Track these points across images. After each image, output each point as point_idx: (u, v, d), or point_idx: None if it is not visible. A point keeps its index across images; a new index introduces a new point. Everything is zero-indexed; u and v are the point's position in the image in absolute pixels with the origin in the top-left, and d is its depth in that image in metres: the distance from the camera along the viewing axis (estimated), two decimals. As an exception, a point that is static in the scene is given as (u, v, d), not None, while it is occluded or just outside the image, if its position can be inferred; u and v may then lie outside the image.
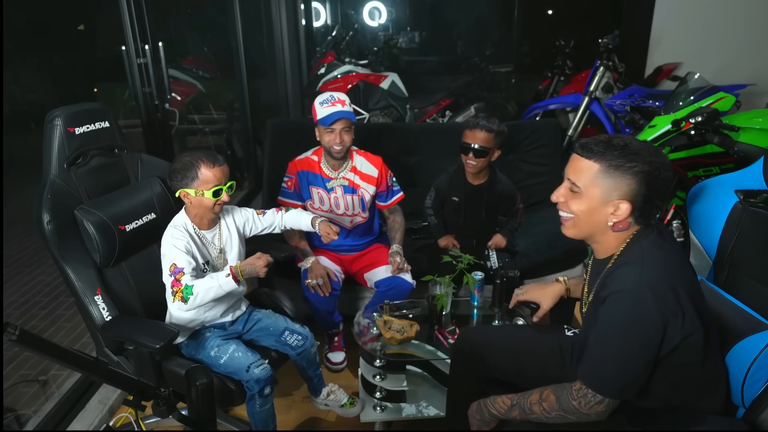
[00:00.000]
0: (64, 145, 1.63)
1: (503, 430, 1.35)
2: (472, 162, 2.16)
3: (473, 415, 1.39)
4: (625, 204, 1.13)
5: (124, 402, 2.04)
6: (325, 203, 2.25)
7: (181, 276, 1.56)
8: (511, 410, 1.28)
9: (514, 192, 2.32)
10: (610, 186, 1.13)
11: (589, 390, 1.15)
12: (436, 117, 4.42)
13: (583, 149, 1.16)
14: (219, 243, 1.76)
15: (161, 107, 2.31)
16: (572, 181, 1.18)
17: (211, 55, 4.85)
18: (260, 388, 1.64)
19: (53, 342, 0.99)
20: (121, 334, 1.59)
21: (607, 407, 1.15)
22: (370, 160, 2.27)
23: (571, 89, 3.91)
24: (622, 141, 1.14)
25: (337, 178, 2.22)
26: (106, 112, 1.75)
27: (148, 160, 1.91)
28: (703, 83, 2.79)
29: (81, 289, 1.60)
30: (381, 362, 1.81)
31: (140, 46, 2.18)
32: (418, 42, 6.24)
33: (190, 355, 1.71)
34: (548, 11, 5.97)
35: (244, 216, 1.86)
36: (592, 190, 1.15)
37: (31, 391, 2.09)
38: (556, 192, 1.23)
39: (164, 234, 1.68)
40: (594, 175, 1.14)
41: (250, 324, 1.83)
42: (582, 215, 1.18)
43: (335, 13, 6.31)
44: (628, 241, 1.19)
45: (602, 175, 1.13)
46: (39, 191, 1.59)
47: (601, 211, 1.16)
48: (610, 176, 1.12)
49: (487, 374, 1.50)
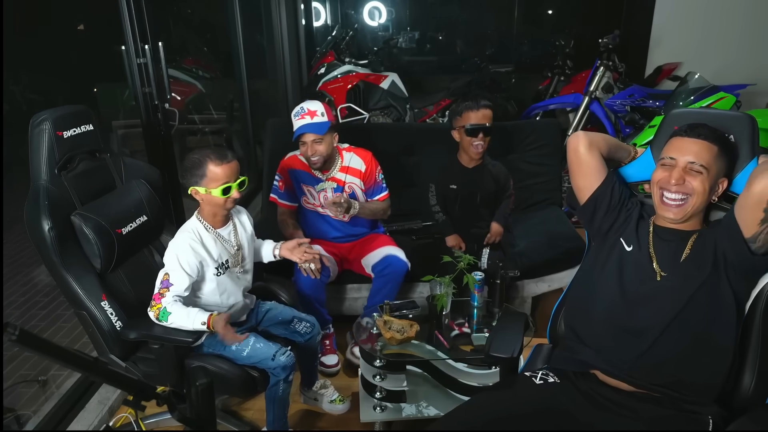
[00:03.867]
0: (54, 150, 1.59)
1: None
2: (480, 143, 2.24)
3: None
4: (725, 180, 1.29)
5: (124, 402, 2.03)
6: (316, 199, 2.30)
7: (165, 292, 1.57)
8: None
9: (507, 175, 2.40)
10: (721, 165, 1.27)
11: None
12: (436, 117, 4.42)
13: (699, 134, 1.27)
14: (235, 240, 1.78)
15: (161, 107, 2.30)
16: (696, 163, 1.25)
17: (211, 55, 4.85)
18: (286, 375, 1.70)
19: (53, 342, 0.99)
20: (147, 335, 1.59)
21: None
22: (359, 155, 2.29)
23: (571, 89, 3.91)
24: (709, 126, 1.28)
25: (325, 180, 2.26)
26: (91, 115, 1.73)
27: (131, 163, 1.90)
28: (704, 83, 2.79)
29: (86, 296, 1.58)
30: (381, 362, 1.81)
31: (140, 46, 2.18)
32: (418, 42, 6.24)
33: (211, 352, 1.72)
34: (548, 11, 5.98)
35: (252, 222, 1.88)
36: (713, 169, 1.26)
37: (30, 391, 2.09)
38: (673, 175, 1.26)
39: (174, 238, 1.67)
40: (715, 156, 1.26)
41: (261, 316, 1.88)
42: (703, 193, 1.26)
43: (335, 13, 6.31)
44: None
45: (720, 155, 1.26)
46: (32, 198, 1.56)
47: (713, 189, 1.27)
48: (723, 156, 1.27)
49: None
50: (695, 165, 1.24)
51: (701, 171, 1.24)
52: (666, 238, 1.33)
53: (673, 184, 1.26)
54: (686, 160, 1.25)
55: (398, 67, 5.00)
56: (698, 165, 1.24)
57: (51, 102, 3.91)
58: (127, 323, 1.63)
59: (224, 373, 1.63)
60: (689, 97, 2.75)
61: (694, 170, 1.24)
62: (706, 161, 1.24)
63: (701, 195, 1.25)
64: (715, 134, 1.27)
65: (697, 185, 1.24)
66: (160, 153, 2.37)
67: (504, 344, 1.44)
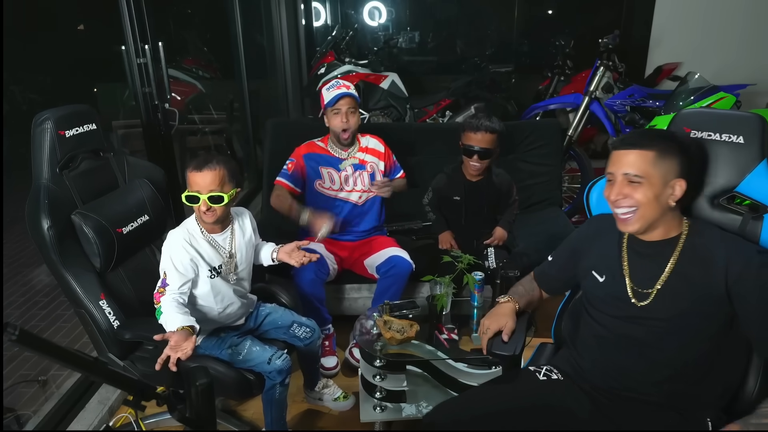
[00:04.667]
0: (56, 149, 1.59)
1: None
2: (476, 164, 2.16)
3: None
4: (681, 181, 1.20)
5: (124, 402, 2.03)
6: (335, 182, 2.32)
7: (163, 291, 1.57)
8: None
9: (510, 183, 2.35)
10: (667, 168, 1.20)
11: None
12: (436, 117, 4.42)
13: (629, 144, 1.23)
14: (230, 247, 1.72)
15: (161, 107, 2.31)
16: (630, 174, 1.21)
17: (211, 55, 4.85)
18: (282, 378, 1.70)
19: (53, 342, 0.99)
20: (142, 335, 1.59)
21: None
22: (374, 138, 2.44)
23: (571, 89, 3.91)
24: (650, 130, 1.23)
25: (347, 158, 2.32)
26: (93, 114, 1.73)
27: (134, 162, 1.90)
28: (704, 83, 2.79)
29: (84, 295, 1.58)
30: (381, 362, 1.81)
31: (140, 46, 2.18)
32: (418, 42, 6.23)
33: (206, 354, 1.70)
34: (548, 11, 5.97)
35: (254, 225, 1.84)
36: (654, 176, 1.20)
37: (30, 391, 2.09)
38: (612, 191, 1.24)
39: (168, 236, 1.65)
40: (652, 161, 1.20)
41: (260, 319, 1.87)
42: (649, 203, 1.21)
43: (335, 13, 6.30)
44: (685, 219, 1.27)
45: (658, 159, 1.20)
46: (33, 197, 1.56)
47: (663, 194, 1.21)
48: (666, 158, 1.20)
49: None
50: (630, 176, 1.21)
51: (639, 181, 1.20)
52: (643, 251, 1.29)
53: (613, 200, 1.24)
54: (622, 173, 1.22)
55: (398, 67, 4.99)
56: (633, 175, 1.20)
57: (51, 102, 3.92)
58: (124, 323, 1.63)
59: (220, 375, 1.61)
60: (689, 97, 2.75)
61: (633, 181, 1.21)
62: (641, 170, 1.20)
63: (647, 205, 1.20)
64: (651, 140, 1.22)
65: (639, 196, 1.20)
66: (160, 153, 2.37)
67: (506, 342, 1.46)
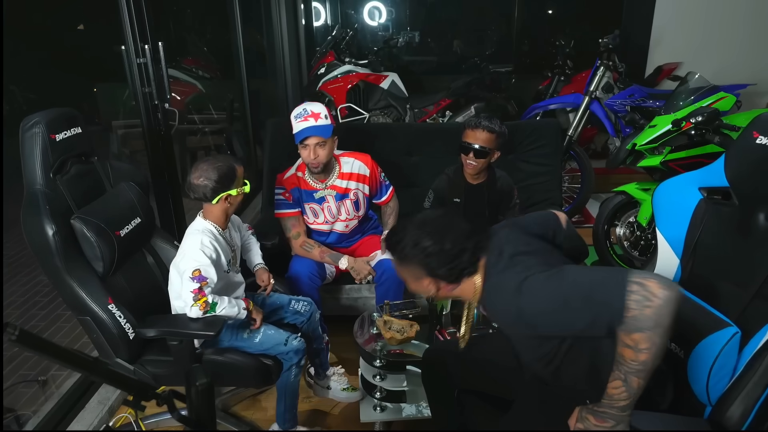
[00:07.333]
0: (48, 153, 1.55)
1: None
2: (472, 162, 2.15)
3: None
4: (427, 280, 1.23)
5: (124, 402, 2.03)
6: (319, 215, 2.24)
7: (204, 285, 1.59)
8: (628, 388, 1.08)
9: (512, 187, 2.32)
10: (409, 274, 1.27)
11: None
12: (436, 117, 4.42)
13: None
14: (232, 241, 1.83)
15: (161, 107, 2.30)
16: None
17: (211, 55, 4.85)
18: (298, 359, 1.76)
19: (53, 342, 0.99)
20: (169, 332, 1.59)
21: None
22: (360, 159, 2.24)
23: (571, 89, 3.91)
24: (402, 241, 1.24)
25: (325, 188, 2.20)
26: (79, 117, 1.70)
27: (117, 166, 1.89)
28: (704, 83, 2.78)
29: (91, 301, 1.57)
30: (381, 362, 1.81)
31: (140, 46, 2.18)
32: (418, 42, 6.23)
33: (224, 345, 1.73)
34: (548, 11, 5.98)
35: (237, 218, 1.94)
36: (405, 276, 1.30)
37: (30, 391, 2.09)
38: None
39: (188, 238, 1.68)
40: (398, 269, 1.30)
41: (259, 305, 1.88)
42: (419, 291, 1.30)
43: (335, 12, 6.31)
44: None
45: (400, 268, 1.29)
46: (30, 203, 1.54)
47: (424, 288, 1.27)
48: (404, 268, 1.27)
49: (462, 385, 1.57)
50: None
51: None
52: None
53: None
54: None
55: (398, 67, 4.99)
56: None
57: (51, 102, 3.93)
58: (142, 323, 1.63)
59: (239, 364, 1.67)
60: (689, 97, 2.74)
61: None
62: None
63: None
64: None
65: None
66: (160, 153, 2.37)
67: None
